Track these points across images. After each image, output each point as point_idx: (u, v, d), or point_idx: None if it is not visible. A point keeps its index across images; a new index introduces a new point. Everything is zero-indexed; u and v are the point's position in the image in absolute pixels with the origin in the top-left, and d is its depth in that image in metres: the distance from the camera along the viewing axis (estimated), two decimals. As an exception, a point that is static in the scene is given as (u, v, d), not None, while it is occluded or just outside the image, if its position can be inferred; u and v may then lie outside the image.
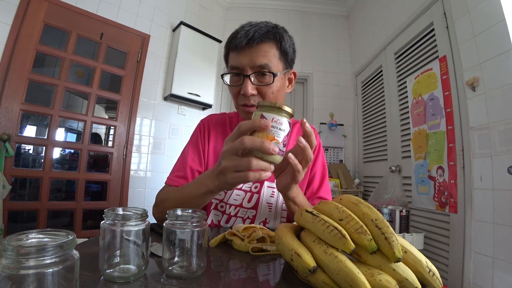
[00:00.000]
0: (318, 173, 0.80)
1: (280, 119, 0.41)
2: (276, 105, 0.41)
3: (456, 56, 1.40)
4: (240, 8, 2.94)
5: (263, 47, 0.64)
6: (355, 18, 2.79)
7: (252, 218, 0.75)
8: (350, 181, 2.46)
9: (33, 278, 0.23)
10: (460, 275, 1.31)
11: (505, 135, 1.13)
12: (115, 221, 0.36)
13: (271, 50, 0.65)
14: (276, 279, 0.42)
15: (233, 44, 0.65)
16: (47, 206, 1.73)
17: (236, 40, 0.64)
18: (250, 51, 0.63)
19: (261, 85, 0.64)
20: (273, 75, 0.64)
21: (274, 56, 0.65)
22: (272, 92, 0.65)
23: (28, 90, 1.67)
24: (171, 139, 2.36)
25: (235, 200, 0.75)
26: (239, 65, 0.64)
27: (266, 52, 0.64)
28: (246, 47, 0.63)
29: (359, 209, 0.40)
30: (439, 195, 1.49)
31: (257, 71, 0.64)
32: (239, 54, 0.64)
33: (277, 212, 0.76)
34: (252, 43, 0.63)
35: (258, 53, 0.63)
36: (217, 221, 0.77)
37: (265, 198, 0.75)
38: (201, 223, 0.40)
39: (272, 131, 0.41)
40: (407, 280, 0.35)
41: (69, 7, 1.83)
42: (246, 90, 0.63)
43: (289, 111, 0.42)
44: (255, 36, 0.63)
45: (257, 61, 0.63)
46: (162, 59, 2.34)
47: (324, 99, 2.78)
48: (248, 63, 0.63)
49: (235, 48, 0.64)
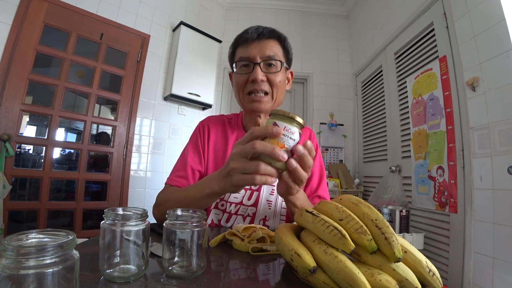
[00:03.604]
0: (316, 173, 0.82)
1: (291, 129, 0.43)
2: (289, 115, 0.43)
3: (456, 56, 1.40)
4: (240, 8, 2.94)
5: (271, 42, 0.72)
6: (355, 18, 2.79)
7: (252, 215, 0.77)
8: (350, 181, 2.46)
9: (33, 278, 0.23)
10: (460, 275, 1.31)
11: (505, 135, 1.13)
12: (115, 221, 0.36)
13: (277, 46, 0.73)
14: (276, 279, 0.42)
15: (244, 38, 0.72)
16: (47, 206, 1.73)
17: (247, 35, 0.72)
18: (259, 44, 0.71)
19: (270, 72, 0.71)
20: (281, 62, 0.72)
21: (279, 51, 0.73)
22: (279, 80, 0.72)
23: (28, 90, 1.67)
24: (171, 139, 2.36)
25: (235, 198, 0.76)
26: (249, 55, 0.71)
27: (273, 46, 0.72)
28: (256, 40, 0.71)
29: (359, 209, 0.40)
30: (439, 195, 1.49)
31: (266, 60, 0.70)
32: (249, 46, 0.71)
33: (276, 210, 0.78)
34: (262, 37, 0.71)
35: (267, 46, 0.71)
36: (218, 220, 0.78)
37: (265, 196, 0.77)
38: (201, 223, 0.40)
39: (283, 139, 0.42)
40: (407, 280, 0.35)
41: (69, 7, 1.83)
42: (257, 75, 0.69)
43: (300, 122, 0.44)
44: (264, 32, 0.72)
45: (266, 52, 0.70)
46: (162, 59, 2.34)
47: (324, 99, 2.78)
48: (258, 53, 0.70)
49: (246, 41, 0.72)
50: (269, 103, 0.73)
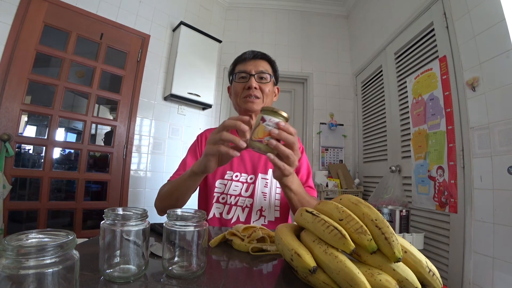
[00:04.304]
0: (304, 167, 0.96)
1: (275, 120, 0.53)
2: (274, 109, 0.54)
3: (456, 56, 1.40)
4: (240, 8, 2.94)
5: (263, 62, 0.93)
6: (355, 18, 2.79)
7: (250, 206, 0.89)
8: (350, 181, 2.46)
9: (33, 278, 0.23)
10: (460, 275, 1.31)
11: (505, 135, 1.13)
12: (115, 221, 0.36)
13: (267, 65, 0.94)
14: (276, 279, 0.42)
15: (242, 57, 0.94)
16: (47, 206, 1.73)
17: (245, 55, 0.94)
18: (254, 62, 0.92)
19: (261, 83, 0.91)
20: (270, 75, 0.92)
21: (269, 69, 0.94)
22: (268, 90, 0.91)
23: (29, 90, 1.67)
24: (171, 139, 2.36)
25: (234, 190, 0.90)
26: (246, 69, 0.91)
27: (264, 65, 0.93)
28: (252, 59, 0.93)
29: (359, 209, 0.40)
30: (439, 195, 1.49)
31: (259, 73, 0.90)
32: (246, 63, 0.92)
33: (271, 201, 0.91)
34: (256, 57, 0.94)
35: (260, 64, 0.92)
36: (219, 213, 0.88)
37: (259, 188, 0.90)
38: (201, 223, 0.40)
39: (268, 128, 0.52)
40: (407, 280, 0.35)
41: (69, 7, 1.83)
42: (252, 83, 0.88)
43: (284, 115, 0.54)
44: (258, 54, 0.94)
45: (259, 67, 0.91)
46: (162, 59, 2.34)
47: (324, 99, 2.78)
48: (253, 68, 0.91)
49: (244, 60, 0.93)
50: (260, 105, 0.89)
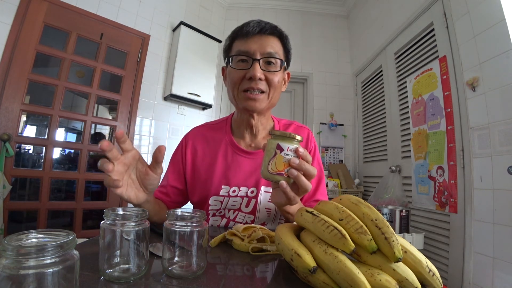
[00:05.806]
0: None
1: (292, 147, 0.47)
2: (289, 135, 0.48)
3: (456, 56, 1.40)
4: (240, 8, 2.94)
5: (272, 39, 0.68)
6: (355, 18, 2.79)
7: (251, 223, 0.74)
8: (350, 181, 2.46)
9: (33, 278, 0.23)
10: (460, 275, 1.31)
11: (505, 135, 1.13)
12: (115, 221, 0.36)
13: (278, 43, 0.69)
14: (276, 279, 0.42)
15: (244, 30, 0.67)
16: (47, 206, 1.73)
17: (248, 27, 0.66)
18: (260, 39, 0.66)
19: (269, 71, 0.66)
20: (281, 61, 0.68)
21: (280, 49, 0.69)
22: (278, 81, 0.68)
23: (28, 90, 1.67)
24: (171, 139, 2.36)
25: (232, 205, 0.74)
26: (249, 49, 0.66)
27: (274, 44, 0.68)
28: (258, 34, 0.66)
29: (359, 209, 0.40)
30: (439, 195, 1.49)
31: (266, 57, 0.66)
32: (249, 40, 0.66)
33: (276, 217, 0.76)
34: (264, 31, 0.67)
35: (268, 42, 0.67)
36: (217, 225, 0.77)
37: (262, 203, 0.73)
38: (201, 223, 0.40)
39: (287, 158, 0.47)
40: (407, 280, 0.35)
41: (69, 7, 1.83)
42: (255, 72, 0.64)
43: (299, 139, 0.48)
44: (266, 27, 0.67)
45: (267, 48, 0.66)
46: (162, 59, 2.34)
47: (324, 99, 2.78)
48: (259, 49, 0.65)
49: (246, 34, 0.67)
50: (264, 103, 0.68)
